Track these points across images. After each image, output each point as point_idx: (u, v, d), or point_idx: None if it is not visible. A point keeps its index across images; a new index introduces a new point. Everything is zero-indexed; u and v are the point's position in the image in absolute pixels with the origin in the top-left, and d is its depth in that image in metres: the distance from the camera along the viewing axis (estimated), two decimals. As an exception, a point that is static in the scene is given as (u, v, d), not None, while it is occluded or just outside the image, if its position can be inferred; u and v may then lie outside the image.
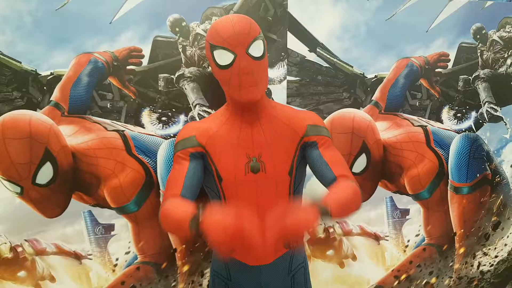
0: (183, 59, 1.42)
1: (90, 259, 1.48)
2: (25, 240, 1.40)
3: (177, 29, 1.38)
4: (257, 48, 1.03)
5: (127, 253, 1.51)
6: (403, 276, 1.84)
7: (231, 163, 1.11)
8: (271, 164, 1.11)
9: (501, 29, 1.70)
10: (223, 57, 1.03)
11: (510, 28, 1.71)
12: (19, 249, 1.39)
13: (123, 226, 1.48)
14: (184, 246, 1.57)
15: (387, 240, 1.79)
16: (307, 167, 1.18)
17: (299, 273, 1.25)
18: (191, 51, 1.42)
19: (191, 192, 1.09)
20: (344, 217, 0.95)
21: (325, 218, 0.91)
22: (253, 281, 1.21)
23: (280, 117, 1.14)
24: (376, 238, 1.78)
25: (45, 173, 1.35)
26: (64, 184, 1.38)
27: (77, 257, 1.47)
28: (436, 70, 1.67)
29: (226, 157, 1.12)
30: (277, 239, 0.87)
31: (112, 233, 1.48)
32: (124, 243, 1.50)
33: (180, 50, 1.41)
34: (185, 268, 1.59)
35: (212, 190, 1.18)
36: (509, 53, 1.74)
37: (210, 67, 1.45)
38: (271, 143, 1.12)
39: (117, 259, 1.51)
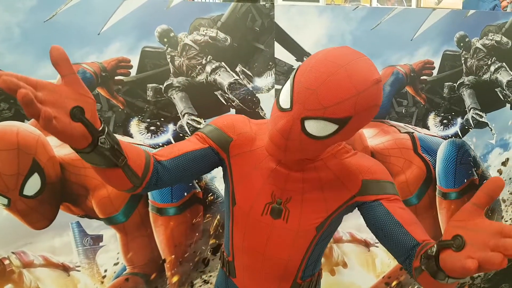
0: (171, 69, 1.43)
1: (79, 271, 1.46)
2: (12, 253, 1.38)
3: (165, 40, 1.40)
4: (318, 128, 0.73)
5: (115, 264, 1.50)
6: (394, 283, 1.84)
7: (251, 195, 0.90)
8: (296, 215, 0.88)
9: (484, 37, 1.74)
10: (283, 96, 0.76)
11: (492, 36, 1.75)
12: (6, 262, 1.37)
13: (111, 237, 1.47)
14: (173, 256, 1.56)
15: (377, 246, 1.79)
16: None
17: None
18: (180, 61, 1.43)
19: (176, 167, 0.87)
20: None
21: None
22: None
23: (331, 166, 0.89)
24: (366, 244, 1.78)
25: (33, 184, 1.34)
26: (52, 195, 1.37)
27: (65, 269, 1.45)
28: (422, 77, 1.70)
29: (248, 184, 0.91)
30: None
31: (101, 244, 1.47)
32: (112, 254, 1.49)
33: (169, 60, 1.42)
34: (175, 279, 1.58)
35: (228, 202, 0.98)
36: (492, 60, 1.77)
37: (198, 77, 1.47)
38: (308, 191, 0.88)
39: (105, 271, 1.49)
